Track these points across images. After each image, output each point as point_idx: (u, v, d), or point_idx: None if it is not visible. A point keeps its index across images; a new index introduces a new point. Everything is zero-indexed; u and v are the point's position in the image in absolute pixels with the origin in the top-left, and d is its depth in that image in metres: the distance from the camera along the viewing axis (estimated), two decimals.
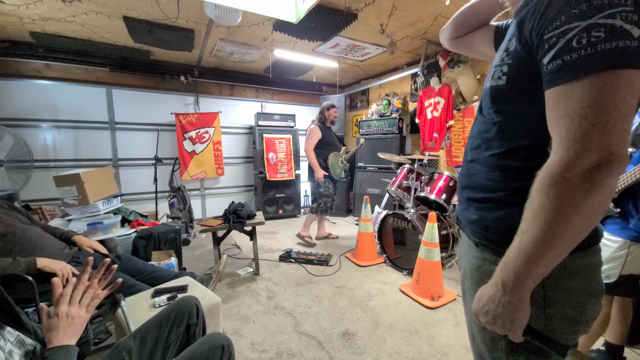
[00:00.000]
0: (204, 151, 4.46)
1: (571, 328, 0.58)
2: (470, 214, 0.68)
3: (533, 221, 0.47)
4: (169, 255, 2.17)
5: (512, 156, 0.60)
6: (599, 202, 0.43)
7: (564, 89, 0.44)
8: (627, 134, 0.42)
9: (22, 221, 1.58)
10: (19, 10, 2.54)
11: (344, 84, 5.44)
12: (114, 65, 3.87)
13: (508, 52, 0.57)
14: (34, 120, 3.55)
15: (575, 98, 0.43)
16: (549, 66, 0.46)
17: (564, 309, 0.57)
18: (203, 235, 3.64)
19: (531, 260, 0.47)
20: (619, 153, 0.41)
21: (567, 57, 0.44)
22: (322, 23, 2.76)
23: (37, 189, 3.45)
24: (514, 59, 0.56)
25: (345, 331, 1.84)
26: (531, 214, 0.47)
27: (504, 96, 0.59)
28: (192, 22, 2.85)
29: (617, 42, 0.41)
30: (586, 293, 0.57)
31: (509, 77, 0.57)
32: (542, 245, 0.46)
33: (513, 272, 0.50)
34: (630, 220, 1.25)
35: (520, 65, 0.55)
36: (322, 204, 3.31)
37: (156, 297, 1.35)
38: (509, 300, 0.51)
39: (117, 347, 0.88)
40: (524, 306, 0.51)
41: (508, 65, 0.57)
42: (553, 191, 0.44)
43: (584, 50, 0.42)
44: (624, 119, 0.41)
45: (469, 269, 0.70)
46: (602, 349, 1.51)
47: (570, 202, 0.43)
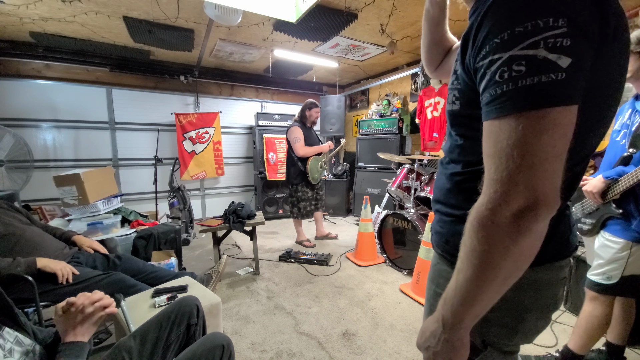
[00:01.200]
0: (204, 151, 4.46)
1: (507, 335, 0.58)
2: (436, 225, 0.69)
3: (466, 262, 0.45)
4: (169, 255, 2.17)
5: (470, 177, 0.58)
6: (527, 247, 0.41)
7: (493, 124, 0.41)
8: (556, 176, 0.39)
9: (22, 221, 1.58)
10: (19, 10, 2.54)
11: (344, 84, 5.44)
12: (114, 65, 3.87)
13: (457, 76, 0.54)
14: (34, 120, 3.55)
15: (503, 135, 0.40)
16: (483, 97, 0.43)
17: (502, 316, 0.56)
18: (203, 235, 3.64)
19: (466, 300, 0.46)
20: (546, 197, 0.38)
21: (492, 92, 0.41)
22: (322, 23, 2.76)
23: (37, 189, 3.45)
24: (461, 83, 0.53)
25: (345, 331, 1.84)
26: (465, 254, 0.45)
27: (460, 121, 0.58)
28: (192, 22, 2.85)
29: (539, 76, 0.37)
30: (530, 307, 0.56)
31: (461, 102, 0.55)
32: (475, 287, 0.44)
33: (451, 310, 0.48)
34: (632, 221, 1.24)
35: (467, 90, 0.52)
36: (302, 209, 3.28)
37: (156, 297, 1.35)
38: (448, 338, 0.50)
39: (117, 347, 0.88)
40: (462, 345, 0.50)
41: (458, 90, 0.55)
42: (481, 234, 0.42)
43: (506, 85, 0.39)
44: (553, 160, 0.38)
45: (430, 267, 0.74)
46: (602, 349, 1.51)
47: (497, 247, 0.41)
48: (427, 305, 0.73)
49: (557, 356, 1.51)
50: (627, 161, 1.25)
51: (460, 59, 0.51)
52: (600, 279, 1.34)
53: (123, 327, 1.14)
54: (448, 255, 0.64)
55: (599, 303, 1.38)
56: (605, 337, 1.48)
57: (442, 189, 0.66)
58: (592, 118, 0.47)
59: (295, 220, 3.40)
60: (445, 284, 0.57)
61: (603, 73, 0.43)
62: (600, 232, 1.37)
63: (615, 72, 0.46)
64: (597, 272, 1.35)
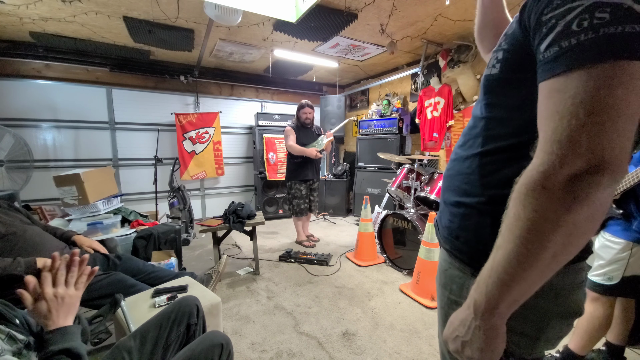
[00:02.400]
0: (204, 151, 4.46)
1: (528, 345, 0.53)
2: (444, 218, 0.63)
3: (507, 236, 0.40)
4: (169, 255, 2.17)
5: (493, 157, 0.52)
6: (584, 219, 0.35)
7: (557, 82, 0.37)
8: (626, 139, 0.34)
9: (23, 221, 1.58)
10: (19, 10, 2.54)
11: (344, 84, 5.44)
12: (114, 65, 3.87)
13: (506, 36, 0.50)
14: (34, 120, 3.55)
15: (569, 93, 0.35)
16: (545, 54, 0.39)
17: (522, 325, 0.52)
18: (203, 235, 3.64)
19: (504, 281, 0.40)
20: (612, 160, 0.33)
21: (564, 44, 0.36)
22: (322, 23, 2.76)
23: (37, 189, 3.45)
24: (510, 43, 0.48)
25: (345, 331, 1.84)
26: (506, 226, 0.40)
27: (496, 87, 0.52)
28: (192, 22, 2.85)
29: (623, 26, 0.33)
30: (551, 313, 0.51)
31: (503, 64, 0.49)
32: (515, 264, 0.39)
33: (485, 294, 0.42)
34: (633, 221, 1.24)
35: (516, 51, 0.47)
36: (295, 206, 3.29)
37: (156, 297, 1.35)
38: (479, 325, 0.44)
39: (117, 347, 0.88)
40: (496, 335, 0.43)
41: (503, 51, 0.49)
42: (529, 201, 0.37)
43: (584, 34, 0.35)
44: (626, 119, 0.33)
45: (438, 271, 0.66)
46: (602, 349, 1.50)
47: (548, 215, 0.36)
48: (442, 313, 0.65)
49: (557, 356, 1.51)
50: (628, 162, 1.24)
51: (518, 17, 0.46)
52: (601, 279, 1.34)
53: (123, 327, 1.14)
54: (459, 253, 0.58)
55: (600, 304, 1.38)
56: (605, 337, 1.48)
57: (454, 175, 0.60)
58: None
59: (294, 219, 3.41)
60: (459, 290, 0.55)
61: None
62: (600, 232, 1.37)
63: None
64: (598, 273, 1.35)
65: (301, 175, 3.26)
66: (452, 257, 0.61)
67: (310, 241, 3.43)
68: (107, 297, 1.24)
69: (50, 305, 0.70)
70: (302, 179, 3.26)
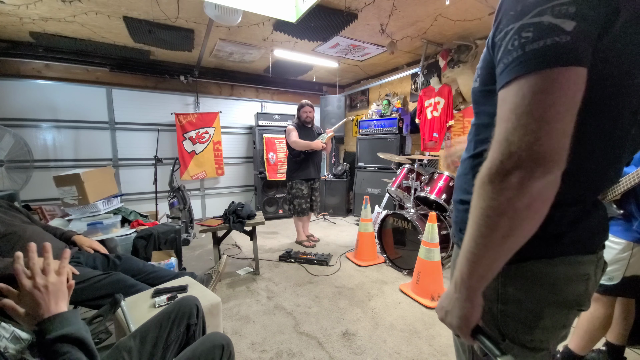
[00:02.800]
0: (204, 151, 4.46)
1: (525, 331, 0.57)
2: (454, 215, 0.70)
3: (470, 222, 0.47)
4: (169, 255, 2.17)
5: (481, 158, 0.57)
6: (523, 206, 0.41)
7: (502, 93, 0.44)
8: (555, 136, 0.39)
9: (23, 221, 1.58)
10: (19, 10, 2.54)
11: (344, 84, 5.44)
12: (114, 65, 3.87)
13: (483, 56, 0.58)
14: (34, 120, 3.55)
15: (507, 101, 0.42)
16: (497, 70, 0.47)
17: (518, 311, 0.57)
18: (203, 235, 3.64)
19: (469, 260, 0.48)
20: (542, 155, 0.39)
21: (504, 60, 0.44)
22: (322, 23, 2.76)
23: (37, 189, 3.45)
24: (483, 61, 0.56)
25: (345, 331, 1.84)
26: (470, 214, 0.48)
27: (478, 98, 0.60)
28: (192, 22, 2.85)
29: (544, 40, 0.39)
30: (546, 301, 0.55)
31: (481, 78, 0.58)
32: (475, 246, 0.46)
33: (459, 271, 0.51)
34: (634, 221, 1.24)
35: (487, 66, 0.55)
36: (297, 206, 3.28)
37: (156, 297, 1.35)
38: (458, 297, 0.53)
39: (117, 347, 0.88)
40: (471, 306, 0.52)
41: (480, 68, 0.58)
42: (480, 193, 0.45)
43: (515, 52, 0.42)
44: (552, 119, 0.39)
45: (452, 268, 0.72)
46: (602, 349, 1.50)
47: (493, 204, 0.43)
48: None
49: (558, 357, 1.51)
50: (628, 162, 1.25)
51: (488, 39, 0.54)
52: (602, 279, 1.34)
53: (123, 327, 1.14)
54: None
55: (600, 304, 1.38)
56: (605, 337, 1.48)
57: (459, 176, 0.68)
58: (613, 87, 0.46)
59: (294, 218, 3.41)
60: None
61: (621, 44, 0.43)
62: None
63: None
64: None
65: (303, 174, 3.24)
66: None
67: (310, 241, 3.43)
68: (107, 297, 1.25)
69: (36, 297, 0.65)
70: (305, 177, 3.25)
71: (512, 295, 0.57)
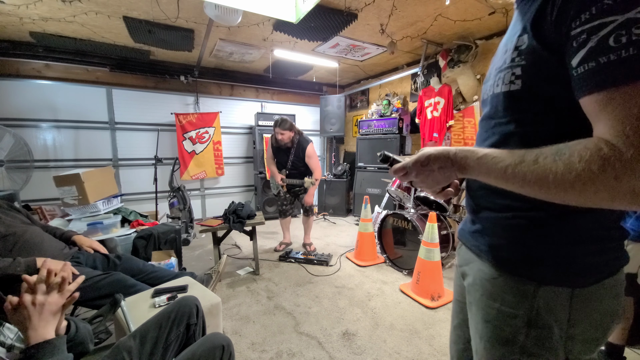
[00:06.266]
0: (204, 151, 4.46)
1: (590, 349, 0.54)
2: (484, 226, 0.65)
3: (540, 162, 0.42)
4: (169, 255, 2.17)
5: None
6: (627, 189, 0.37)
7: (617, 92, 0.38)
8: None
9: (23, 221, 1.58)
10: (19, 10, 2.54)
11: (344, 84, 5.44)
12: (114, 65, 3.87)
13: (519, 51, 0.50)
14: (34, 120, 3.55)
15: (627, 103, 0.37)
16: (580, 69, 0.40)
17: (586, 330, 0.53)
18: (203, 235, 3.64)
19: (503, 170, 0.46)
20: None
21: (602, 59, 0.38)
22: (322, 23, 2.76)
23: (37, 189, 3.45)
24: (529, 59, 0.49)
25: (345, 331, 1.84)
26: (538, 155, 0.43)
27: (518, 102, 0.53)
28: (192, 22, 2.85)
29: None
30: (611, 312, 0.53)
31: (525, 80, 0.50)
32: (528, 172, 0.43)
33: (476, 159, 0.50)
34: (627, 219, 1.25)
35: (538, 65, 0.48)
36: (279, 206, 3.23)
37: (156, 297, 1.35)
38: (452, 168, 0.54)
39: (117, 347, 0.88)
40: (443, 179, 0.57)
41: (521, 67, 0.50)
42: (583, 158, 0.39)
43: (624, 51, 0.36)
44: None
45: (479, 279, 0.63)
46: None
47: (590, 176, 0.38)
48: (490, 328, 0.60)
49: None
50: None
51: (531, 31, 0.48)
52: None
53: (123, 327, 1.14)
54: (510, 266, 0.57)
55: None
56: None
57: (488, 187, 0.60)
58: None
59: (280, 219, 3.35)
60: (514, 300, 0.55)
61: None
62: None
63: None
64: None
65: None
66: (502, 272, 0.58)
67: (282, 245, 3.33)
68: (107, 297, 1.25)
69: (30, 313, 0.66)
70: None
71: (582, 316, 0.52)
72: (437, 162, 0.55)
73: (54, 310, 0.70)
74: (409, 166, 0.59)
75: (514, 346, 0.56)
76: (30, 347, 0.63)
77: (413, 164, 0.58)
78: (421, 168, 0.57)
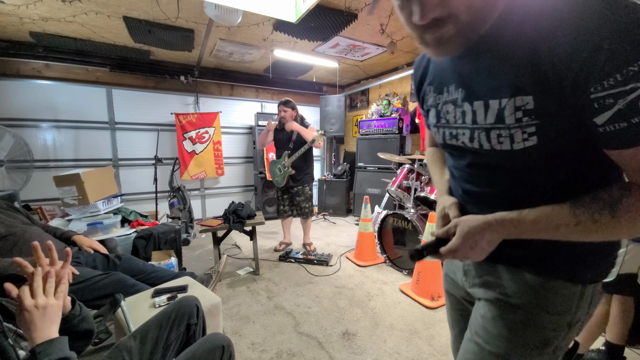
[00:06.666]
0: (204, 151, 4.46)
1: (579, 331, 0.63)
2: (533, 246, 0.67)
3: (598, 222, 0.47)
4: (169, 255, 2.17)
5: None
6: None
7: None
8: None
9: (23, 221, 1.58)
10: (19, 10, 2.54)
11: (344, 84, 5.44)
12: (114, 65, 3.87)
13: (525, 111, 0.50)
14: (34, 120, 3.55)
15: None
16: (610, 127, 0.43)
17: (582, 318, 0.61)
18: (203, 235, 3.64)
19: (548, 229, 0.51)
20: None
21: (636, 119, 0.41)
22: (322, 23, 2.76)
23: (37, 189, 3.45)
24: (543, 118, 0.49)
25: (345, 331, 1.84)
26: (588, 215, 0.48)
27: (534, 155, 0.53)
28: (192, 22, 2.85)
29: None
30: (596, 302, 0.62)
31: (540, 135, 0.50)
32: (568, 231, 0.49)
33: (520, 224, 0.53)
34: None
35: (554, 122, 0.49)
36: (279, 206, 3.23)
37: (156, 297, 1.35)
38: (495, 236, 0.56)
39: (117, 347, 0.88)
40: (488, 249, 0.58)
41: (536, 126, 0.50)
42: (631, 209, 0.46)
43: None
44: None
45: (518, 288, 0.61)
46: (602, 349, 1.50)
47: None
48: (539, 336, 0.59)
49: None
50: None
51: (539, 89, 0.48)
52: None
53: (123, 327, 1.14)
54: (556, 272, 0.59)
55: None
56: (605, 337, 1.48)
57: None
58: None
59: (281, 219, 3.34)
60: (564, 303, 0.58)
61: None
62: None
63: None
64: None
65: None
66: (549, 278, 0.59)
67: (282, 244, 3.33)
68: (107, 297, 1.25)
69: (33, 316, 0.69)
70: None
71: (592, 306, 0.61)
72: (484, 239, 0.56)
73: (55, 312, 0.73)
74: (457, 250, 0.58)
75: (550, 347, 0.60)
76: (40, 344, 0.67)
77: (461, 246, 0.57)
78: (470, 251, 0.57)
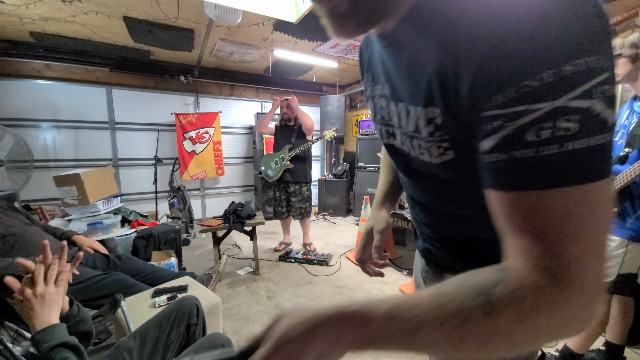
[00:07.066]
0: (204, 151, 4.46)
1: None
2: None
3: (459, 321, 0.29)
4: (169, 255, 2.17)
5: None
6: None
7: (520, 196, 0.30)
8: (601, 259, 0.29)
9: (23, 222, 1.58)
10: (19, 10, 2.54)
11: (344, 84, 5.44)
12: (114, 65, 3.87)
13: (437, 125, 0.41)
14: (34, 120, 3.55)
15: (539, 211, 0.29)
16: (490, 157, 0.32)
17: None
18: (203, 235, 3.63)
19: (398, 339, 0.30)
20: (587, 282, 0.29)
21: (518, 154, 0.29)
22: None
23: (37, 189, 3.45)
24: (451, 133, 0.40)
25: None
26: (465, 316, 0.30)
27: (455, 168, 0.45)
28: (192, 22, 2.85)
29: (591, 137, 0.27)
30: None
31: (457, 150, 0.42)
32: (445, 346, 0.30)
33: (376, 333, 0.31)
34: (628, 219, 1.25)
35: (460, 138, 0.40)
36: (275, 207, 3.20)
37: (156, 297, 1.35)
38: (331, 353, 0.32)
39: (118, 347, 0.88)
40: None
41: (449, 141, 0.41)
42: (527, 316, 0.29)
43: (545, 148, 0.28)
44: (597, 240, 0.29)
45: None
46: (602, 349, 1.51)
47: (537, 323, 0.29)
48: None
49: (557, 355, 1.51)
50: (623, 160, 1.26)
51: (441, 101, 0.37)
52: None
53: (123, 327, 1.14)
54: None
55: None
56: (605, 337, 1.49)
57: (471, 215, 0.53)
58: None
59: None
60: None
61: None
62: None
63: None
64: None
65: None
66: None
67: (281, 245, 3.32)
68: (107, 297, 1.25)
69: (32, 304, 0.72)
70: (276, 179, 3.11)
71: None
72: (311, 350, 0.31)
73: (54, 300, 0.76)
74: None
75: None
76: (36, 333, 0.71)
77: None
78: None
